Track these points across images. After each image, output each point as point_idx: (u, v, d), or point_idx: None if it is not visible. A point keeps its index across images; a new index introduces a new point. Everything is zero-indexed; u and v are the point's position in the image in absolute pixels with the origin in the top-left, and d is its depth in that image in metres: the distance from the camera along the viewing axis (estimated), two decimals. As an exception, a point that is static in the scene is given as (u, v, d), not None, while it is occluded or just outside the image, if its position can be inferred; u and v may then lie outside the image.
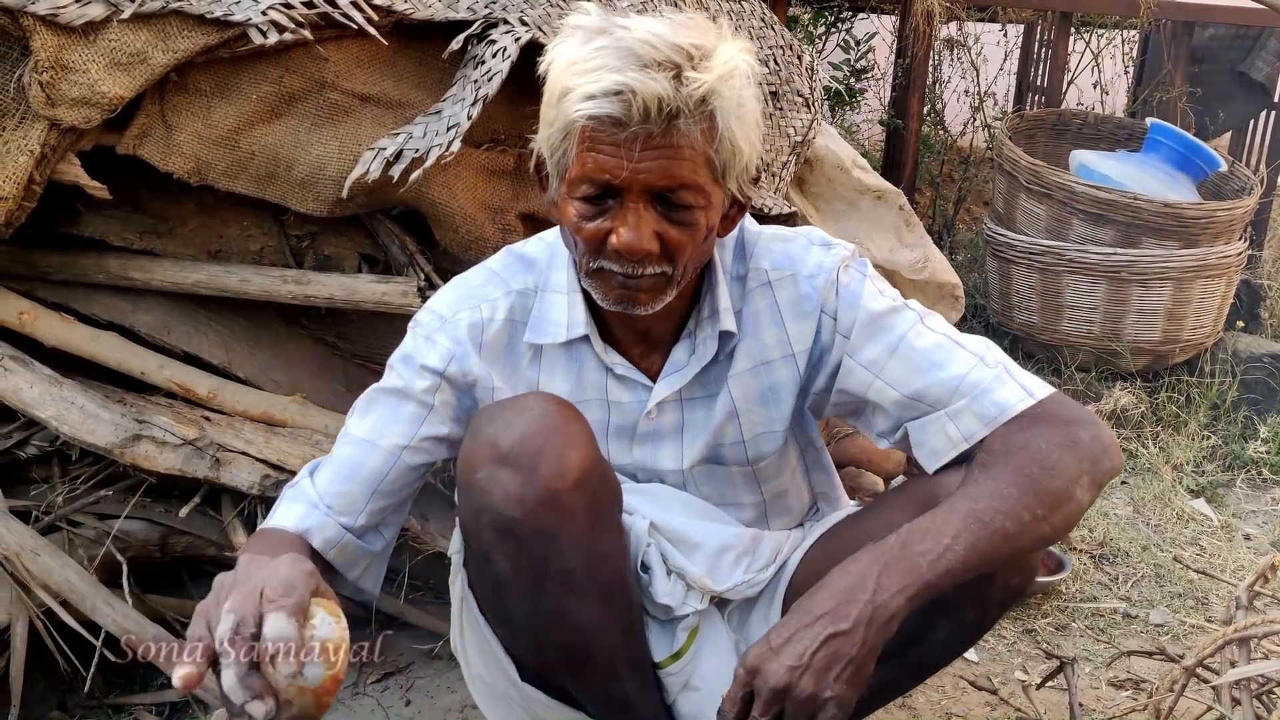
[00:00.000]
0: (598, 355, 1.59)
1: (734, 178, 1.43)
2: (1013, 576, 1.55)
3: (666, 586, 1.61)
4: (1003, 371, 1.51)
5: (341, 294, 2.17)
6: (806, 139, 2.90)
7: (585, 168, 1.36)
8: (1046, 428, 1.46)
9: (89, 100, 1.93)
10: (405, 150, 2.02)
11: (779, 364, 1.61)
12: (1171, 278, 3.97)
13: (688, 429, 1.63)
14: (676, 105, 1.31)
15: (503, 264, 1.63)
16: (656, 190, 1.37)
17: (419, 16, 2.12)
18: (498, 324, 1.58)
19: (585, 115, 1.33)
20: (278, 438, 2.13)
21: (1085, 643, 2.58)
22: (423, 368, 1.55)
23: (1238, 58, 5.21)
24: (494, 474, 1.41)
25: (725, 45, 1.37)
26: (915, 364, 1.53)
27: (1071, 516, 1.42)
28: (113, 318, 2.21)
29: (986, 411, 1.48)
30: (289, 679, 1.09)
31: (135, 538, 2.15)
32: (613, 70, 1.30)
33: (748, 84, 1.39)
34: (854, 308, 1.56)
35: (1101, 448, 1.45)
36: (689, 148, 1.35)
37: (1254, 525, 3.29)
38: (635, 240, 1.38)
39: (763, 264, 1.59)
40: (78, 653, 2.05)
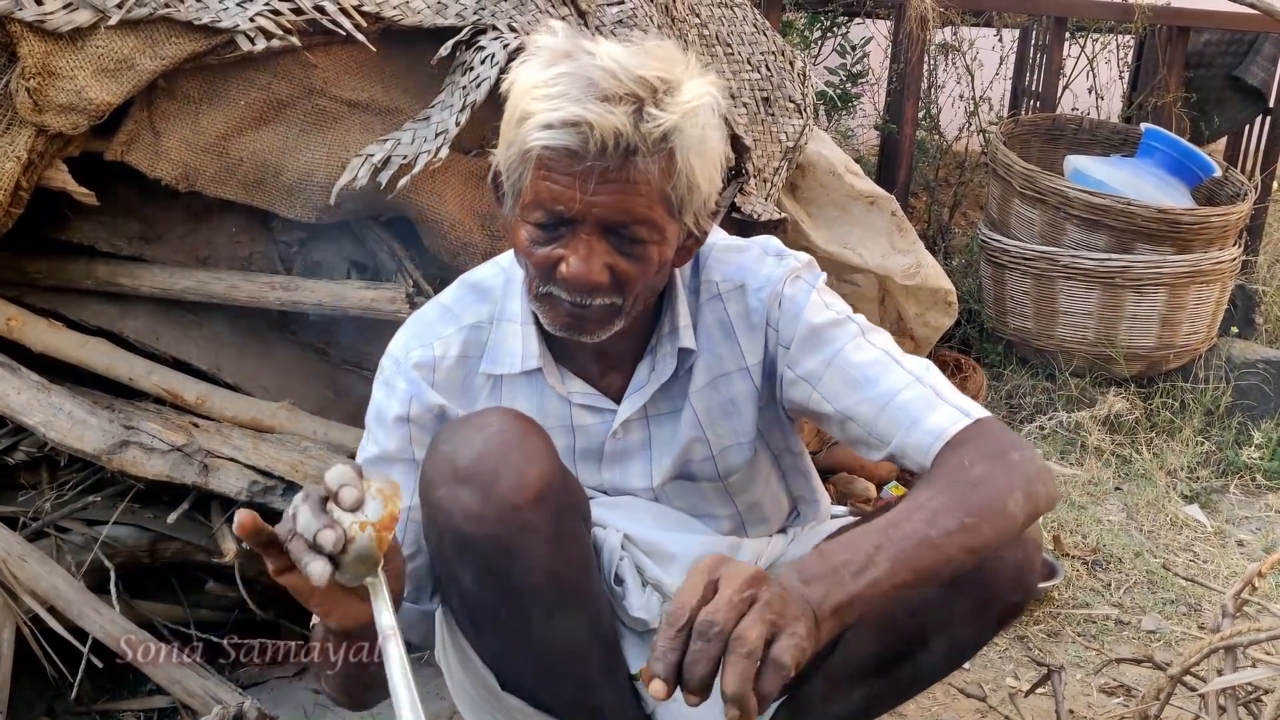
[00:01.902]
0: (555, 386, 1.57)
1: (691, 212, 1.40)
2: (1013, 594, 1.53)
3: (641, 600, 1.59)
4: (932, 394, 1.48)
5: (330, 300, 2.17)
6: (799, 145, 2.90)
7: (539, 195, 1.34)
8: (978, 445, 1.42)
9: (76, 106, 1.93)
10: (393, 157, 2.02)
11: (735, 377, 1.59)
12: (1166, 283, 3.97)
13: (655, 445, 1.62)
14: (634, 142, 1.29)
15: (454, 297, 1.61)
16: (609, 224, 1.35)
17: (407, 23, 2.12)
18: (450, 360, 1.56)
19: (541, 144, 1.30)
20: (266, 443, 2.13)
21: (1077, 649, 2.58)
22: (394, 420, 1.54)
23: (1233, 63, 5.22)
24: (453, 492, 1.40)
25: (692, 81, 1.34)
26: (850, 378, 1.51)
27: (1005, 530, 1.35)
28: (101, 323, 2.20)
29: (923, 441, 1.45)
30: (353, 513, 1.13)
31: (123, 544, 2.14)
32: (572, 100, 1.28)
33: (712, 118, 1.36)
34: (795, 319, 1.54)
35: (1035, 470, 1.40)
36: (645, 183, 1.32)
37: (1247, 531, 3.28)
38: (584, 272, 1.36)
39: (714, 276, 1.58)
40: (65, 659, 2.05)
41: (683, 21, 2.72)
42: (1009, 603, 1.54)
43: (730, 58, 2.85)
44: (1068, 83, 5.29)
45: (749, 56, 2.91)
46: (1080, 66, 5.44)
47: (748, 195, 2.58)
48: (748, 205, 2.55)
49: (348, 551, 1.13)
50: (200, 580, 2.26)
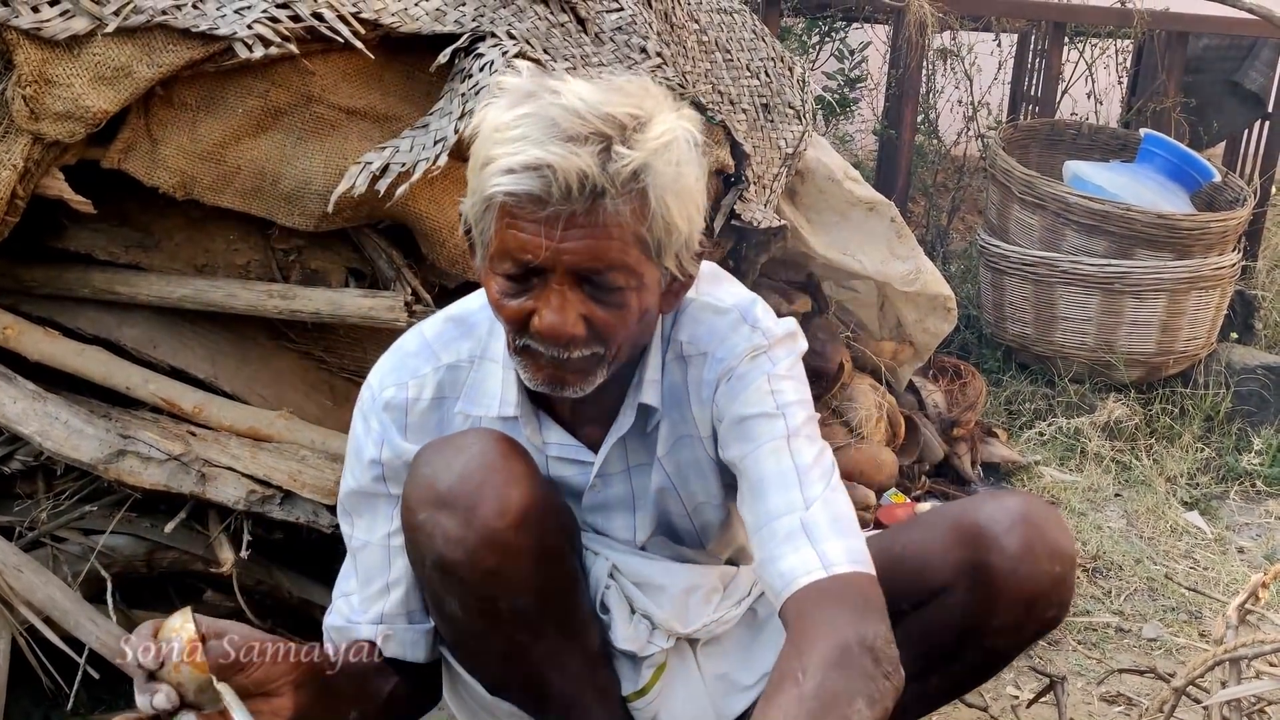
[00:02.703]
0: (530, 438, 1.53)
1: (671, 255, 1.34)
2: (1049, 609, 1.53)
3: (628, 631, 1.57)
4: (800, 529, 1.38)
5: (328, 309, 2.15)
6: (798, 151, 2.89)
7: (505, 244, 1.29)
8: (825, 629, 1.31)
9: (73, 114, 1.92)
10: (392, 164, 2.01)
11: (695, 442, 1.55)
12: (1165, 289, 3.97)
13: (638, 499, 1.59)
14: (602, 184, 1.23)
15: (436, 333, 1.56)
16: (582, 272, 1.30)
17: (406, 30, 2.11)
18: (424, 403, 1.53)
19: (503, 191, 1.25)
20: (264, 453, 2.11)
21: (1078, 658, 2.57)
22: (370, 461, 1.54)
23: (1231, 68, 5.21)
24: (433, 516, 1.38)
25: (663, 114, 1.29)
26: (751, 483, 1.45)
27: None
28: (98, 332, 2.19)
29: (774, 584, 1.39)
30: (159, 665, 1.22)
31: (120, 553, 2.13)
32: (533, 143, 1.23)
33: (688, 154, 1.31)
34: (732, 401, 1.47)
35: (873, 666, 1.28)
36: (617, 227, 1.27)
37: (1247, 538, 3.28)
38: (558, 324, 1.31)
39: (682, 336, 1.51)
40: (61, 669, 2.04)
41: (681, 28, 2.71)
42: (1044, 618, 1.54)
43: (729, 64, 2.84)
44: (1066, 88, 5.28)
45: (748, 63, 2.90)
46: (1079, 71, 5.44)
47: (747, 202, 2.57)
48: (747, 212, 2.55)
49: (187, 693, 1.22)
50: (198, 590, 2.24)
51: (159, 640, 1.22)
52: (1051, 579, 1.49)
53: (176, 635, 1.22)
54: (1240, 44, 5.19)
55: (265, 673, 1.31)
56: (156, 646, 1.20)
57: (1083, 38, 5.42)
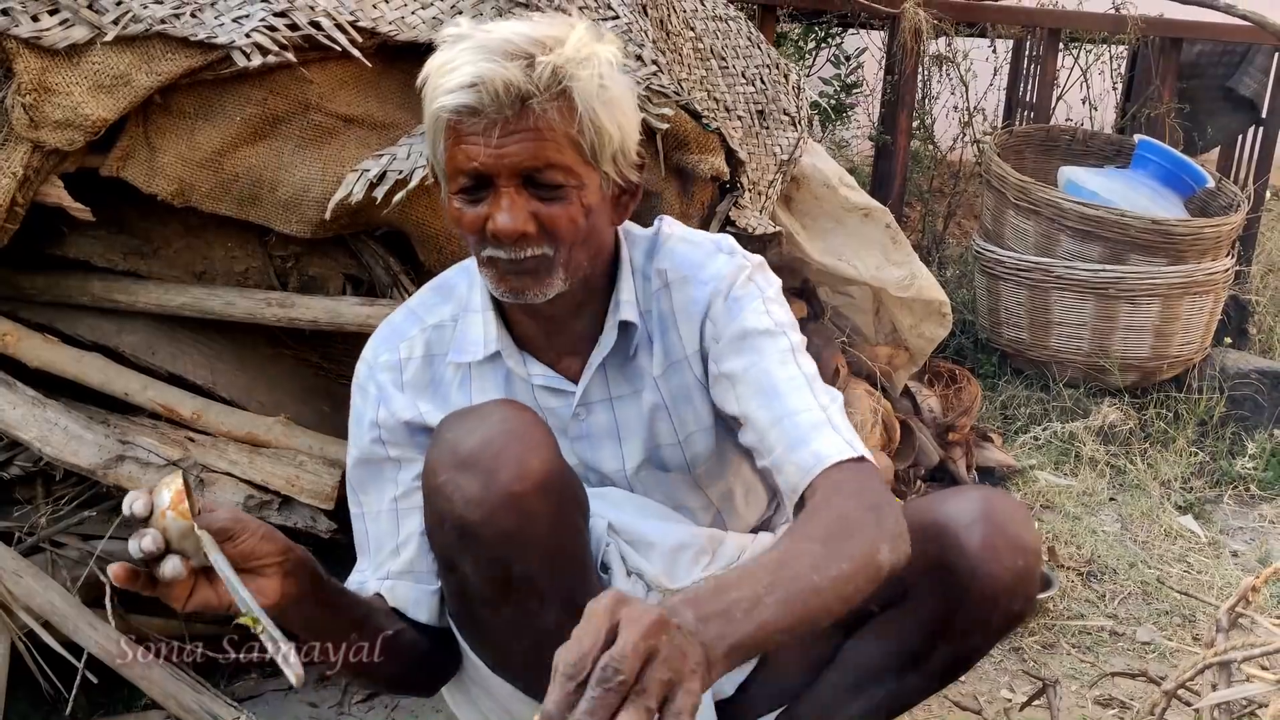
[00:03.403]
0: (515, 369, 1.62)
1: (608, 160, 1.46)
2: (1013, 602, 1.53)
3: (626, 586, 1.61)
4: (825, 423, 1.49)
5: (326, 316, 2.17)
6: (793, 157, 2.91)
7: (455, 161, 1.41)
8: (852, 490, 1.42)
9: (72, 122, 1.93)
10: (389, 172, 2.03)
11: (684, 364, 1.63)
12: (1159, 294, 3.98)
13: (622, 428, 1.65)
14: (527, 88, 1.36)
15: (420, 300, 1.67)
16: (524, 171, 1.41)
17: (403, 38, 2.12)
18: (416, 361, 1.62)
19: (446, 110, 1.38)
20: (262, 458, 2.13)
21: (1072, 661, 2.59)
22: (369, 424, 1.61)
23: (1225, 74, 5.24)
24: (455, 478, 1.42)
25: (584, 34, 1.42)
26: (762, 387, 1.53)
27: (872, 580, 1.33)
28: (97, 339, 2.20)
29: (804, 462, 1.46)
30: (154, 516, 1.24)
31: (119, 558, 2.13)
32: (467, 64, 1.37)
33: (610, 69, 1.43)
34: (732, 319, 1.58)
35: (900, 529, 1.39)
36: (548, 129, 1.39)
37: (1241, 542, 3.29)
38: (509, 222, 1.41)
39: (663, 264, 1.62)
40: (60, 674, 2.05)
41: (677, 35, 2.73)
42: (1009, 612, 1.54)
43: (725, 71, 2.86)
44: (1061, 94, 5.31)
45: (743, 70, 2.92)
46: (1074, 77, 5.46)
47: (743, 209, 2.59)
48: (743, 219, 2.56)
49: (172, 540, 1.23)
50: (195, 594, 2.25)
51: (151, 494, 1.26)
52: (1015, 573, 1.50)
53: (166, 487, 1.25)
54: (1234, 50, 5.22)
55: (252, 547, 1.32)
56: (146, 496, 1.24)
57: (1077, 44, 5.44)
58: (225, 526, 1.30)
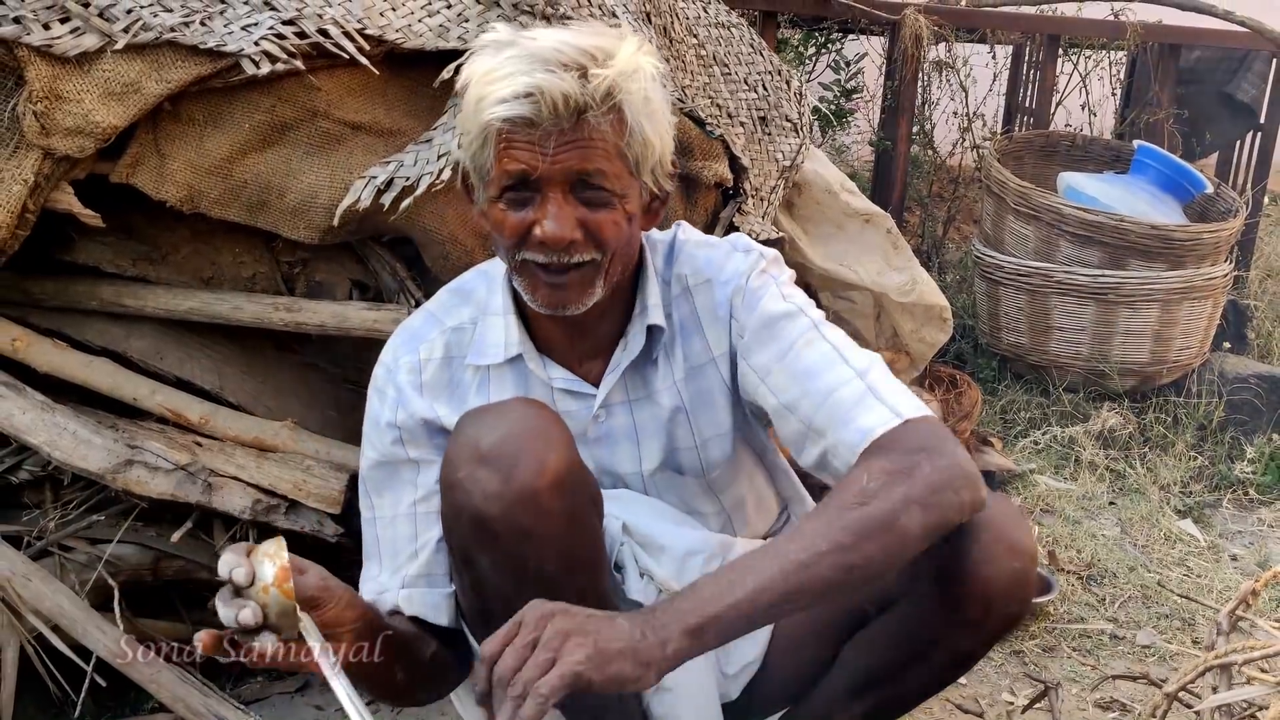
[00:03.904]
0: (536, 372, 1.64)
1: (648, 171, 1.49)
2: (1008, 605, 1.54)
3: (639, 585, 1.63)
4: (867, 392, 1.51)
5: (333, 321, 2.18)
6: (795, 163, 2.92)
7: (504, 166, 1.43)
8: (886, 456, 1.43)
9: (83, 130, 1.95)
10: (396, 178, 2.04)
11: (707, 368, 1.65)
12: (1158, 299, 4.00)
13: (640, 431, 1.67)
14: (584, 100, 1.39)
15: (439, 303, 1.69)
16: (574, 178, 1.44)
17: (410, 46, 2.14)
18: (435, 362, 1.63)
19: (499, 118, 1.40)
20: (269, 463, 2.14)
21: (1073, 665, 2.60)
22: (386, 425, 1.61)
23: (1223, 80, 5.26)
24: (474, 473, 1.44)
25: (630, 47, 1.45)
26: (796, 372, 1.56)
27: (893, 546, 1.37)
28: (105, 344, 2.22)
29: (853, 440, 1.48)
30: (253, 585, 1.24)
31: (127, 562, 2.15)
32: (521, 74, 1.38)
33: (653, 83, 1.46)
34: (752, 311, 1.60)
35: (945, 479, 1.41)
36: (601, 140, 1.42)
37: (1240, 546, 3.31)
38: (558, 229, 1.44)
39: (684, 269, 1.65)
40: (68, 677, 2.06)
41: (680, 42, 2.74)
42: (1005, 614, 1.56)
43: (727, 78, 2.88)
44: (1061, 99, 5.33)
45: (746, 76, 2.93)
46: (1073, 83, 5.48)
47: (746, 215, 2.60)
48: (745, 225, 2.58)
49: (270, 616, 1.24)
50: (202, 598, 2.27)
51: (251, 560, 1.26)
52: (1011, 575, 1.51)
53: (270, 559, 1.25)
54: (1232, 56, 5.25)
55: (336, 615, 1.37)
56: (249, 565, 1.24)
57: (1077, 50, 5.46)
58: (314, 595, 1.33)
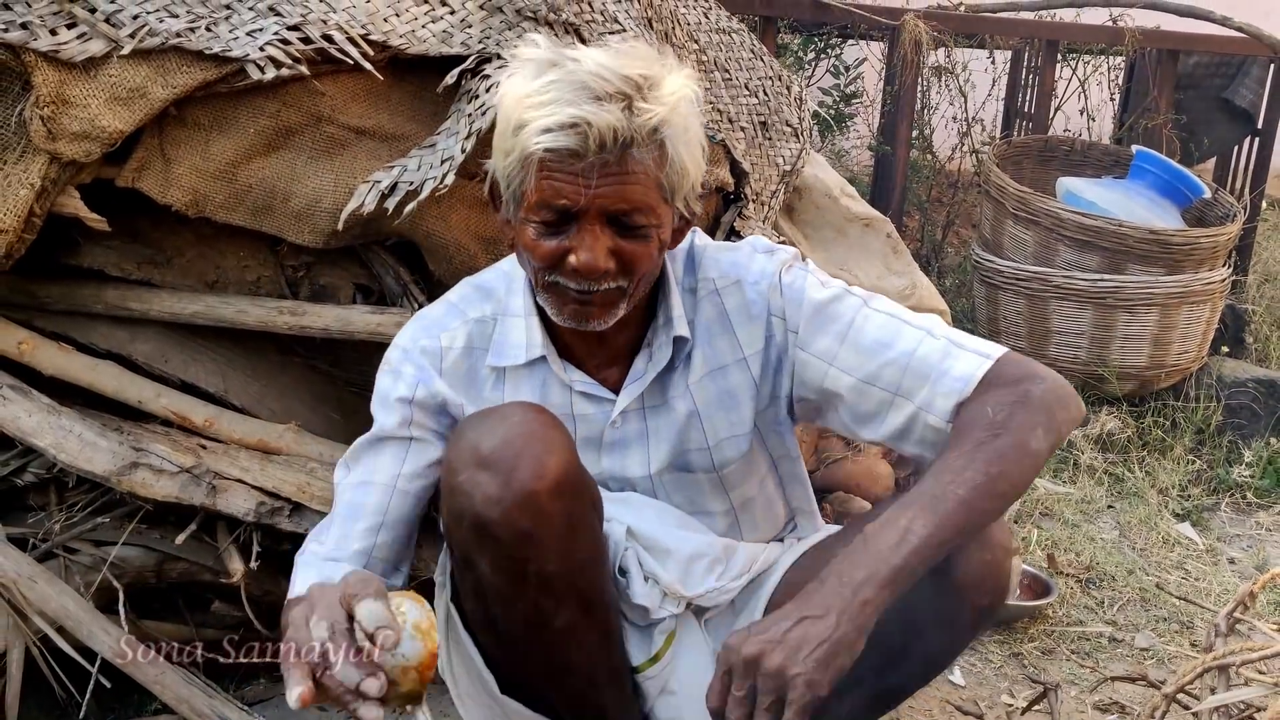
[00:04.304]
0: (558, 374, 1.65)
1: (681, 196, 1.51)
2: (983, 597, 1.57)
3: (644, 589, 1.64)
4: (948, 344, 1.57)
5: (337, 325, 2.19)
6: (795, 168, 2.94)
7: (543, 195, 1.44)
8: (997, 391, 1.51)
9: (89, 134, 1.95)
10: (400, 183, 2.05)
11: (733, 368, 1.67)
12: (1157, 304, 4.02)
13: (652, 435, 1.68)
14: (630, 134, 1.40)
15: (460, 295, 1.70)
16: (612, 213, 1.45)
17: (414, 51, 2.15)
18: (456, 351, 1.64)
19: (543, 148, 1.40)
20: (273, 465, 2.15)
21: (1072, 667, 2.61)
22: (397, 401, 1.62)
23: (1222, 85, 5.28)
24: (474, 476, 1.45)
25: (671, 75, 1.45)
26: (864, 347, 1.59)
27: (1031, 467, 1.46)
28: (111, 347, 2.23)
29: (953, 389, 1.54)
30: (391, 656, 1.15)
31: (131, 564, 2.16)
32: (567, 104, 1.38)
33: (693, 108, 1.48)
34: (799, 303, 1.62)
35: (1055, 398, 1.50)
36: (642, 173, 1.43)
37: (1238, 549, 3.32)
38: (592, 260, 1.45)
39: (710, 273, 1.67)
40: (73, 678, 2.07)
41: (681, 48, 2.76)
42: (979, 606, 1.58)
43: (728, 83, 2.89)
44: (1060, 104, 5.34)
45: (746, 82, 2.95)
46: (1072, 88, 5.50)
47: (746, 219, 2.62)
48: (746, 229, 2.59)
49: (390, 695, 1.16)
50: (206, 600, 2.28)
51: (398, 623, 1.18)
52: (982, 566, 1.54)
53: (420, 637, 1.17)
54: (1230, 62, 5.26)
55: None
56: (396, 633, 1.17)
57: (1075, 55, 5.48)
58: None
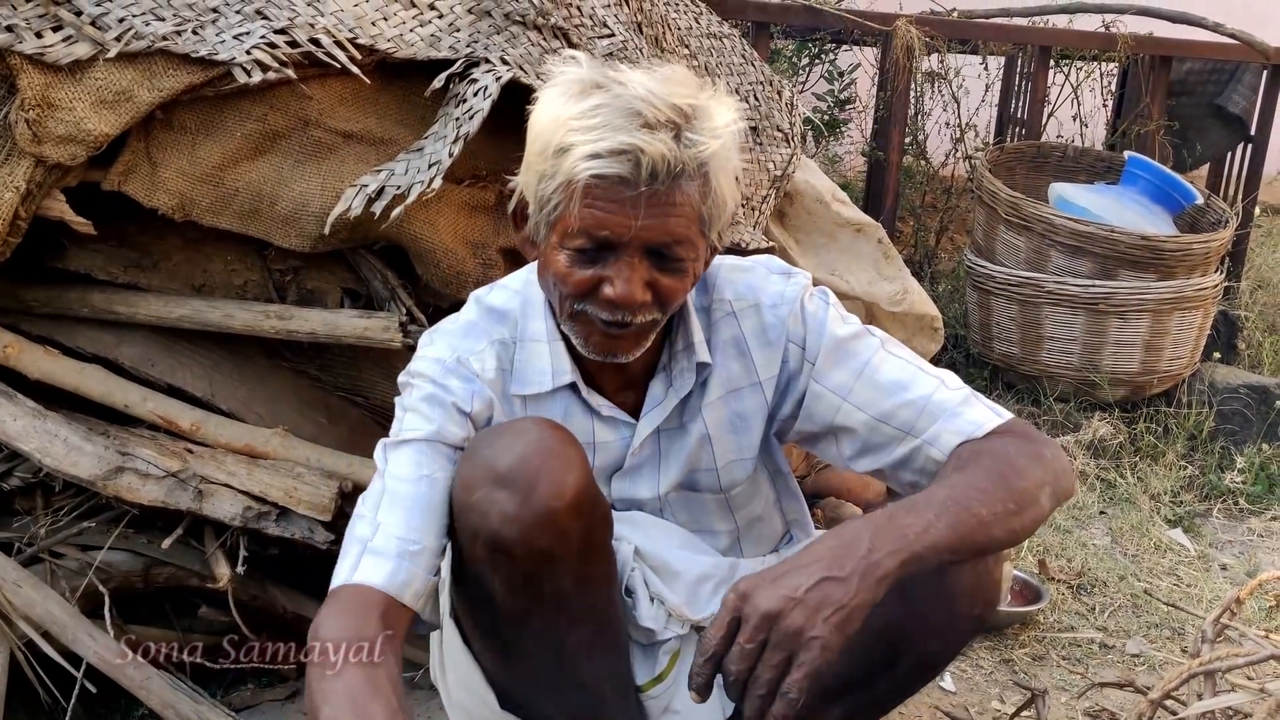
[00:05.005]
0: (583, 399, 1.60)
1: (717, 230, 1.48)
2: (974, 606, 1.57)
3: (650, 610, 1.63)
4: (969, 395, 1.58)
5: (324, 329, 2.19)
6: (786, 173, 2.94)
7: (585, 223, 1.39)
8: (1014, 440, 1.51)
9: (75, 138, 1.95)
10: (387, 187, 2.05)
11: (746, 392, 1.64)
12: (1149, 310, 4.02)
13: (664, 458, 1.66)
14: (681, 165, 1.36)
15: (477, 314, 1.63)
16: (652, 246, 1.41)
17: (402, 55, 2.15)
18: (490, 373, 1.57)
19: (590, 173, 1.35)
20: (260, 470, 2.14)
21: (1061, 673, 2.61)
22: (454, 406, 1.51)
23: (1214, 91, 5.29)
24: (491, 494, 1.41)
25: (720, 106, 1.41)
26: (882, 386, 1.57)
27: (1036, 519, 1.46)
28: (97, 351, 2.22)
29: (963, 429, 1.53)
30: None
31: (118, 569, 2.15)
32: (617, 129, 1.34)
33: (738, 141, 1.45)
34: (820, 334, 1.60)
35: (1062, 468, 1.51)
36: (688, 205, 1.39)
37: (1230, 555, 3.32)
38: (629, 293, 1.41)
39: (725, 295, 1.63)
40: (59, 683, 2.06)
41: (672, 53, 2.75)
42: (970, 615, 1.58)
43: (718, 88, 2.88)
44: (1052, 110, 5.35)
45: (737, 87, 2.94)
46: (1065, 94, 5.51)
47: (736, 224, 2.61)
48: (736, 234, 2.59)
49: None
50: (193, 605, 2.27)
51: None
52: (976, 574, 1.54)
53: None
54: (1223, 68, 5.27)
55: None
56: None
57: (1068, 61, 5.49)
58: None
